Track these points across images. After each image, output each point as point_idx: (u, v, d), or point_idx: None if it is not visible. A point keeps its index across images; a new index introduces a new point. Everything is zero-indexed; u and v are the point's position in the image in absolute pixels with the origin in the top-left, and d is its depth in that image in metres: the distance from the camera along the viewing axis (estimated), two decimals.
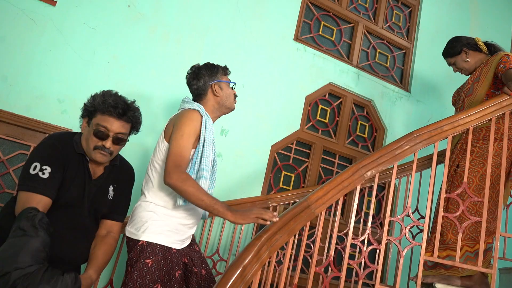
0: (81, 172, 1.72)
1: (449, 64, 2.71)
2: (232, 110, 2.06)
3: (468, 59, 2.56)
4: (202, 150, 1.82)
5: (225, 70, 2.07)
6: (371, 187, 3.15)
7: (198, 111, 1.87)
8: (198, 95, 1.99)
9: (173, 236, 1.81)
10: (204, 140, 1.83)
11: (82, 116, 1.79)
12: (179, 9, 3.00)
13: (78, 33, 2.66)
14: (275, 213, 1.69)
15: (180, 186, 1.67)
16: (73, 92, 2.60)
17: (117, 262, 2.39)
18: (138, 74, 2.80)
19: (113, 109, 1.70)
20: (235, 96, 2.06)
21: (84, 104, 1.78)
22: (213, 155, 1.96)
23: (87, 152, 1.74)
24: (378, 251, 1.88)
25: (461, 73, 2.66)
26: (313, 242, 2.65)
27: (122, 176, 1.90)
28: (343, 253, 1.85)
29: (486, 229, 2.14)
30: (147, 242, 1.74)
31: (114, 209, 1.87)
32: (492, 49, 2.57)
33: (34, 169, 1.60)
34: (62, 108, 2.57)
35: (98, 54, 2.71)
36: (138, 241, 1.75)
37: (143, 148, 2.76)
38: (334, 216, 2.84)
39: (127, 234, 1.81)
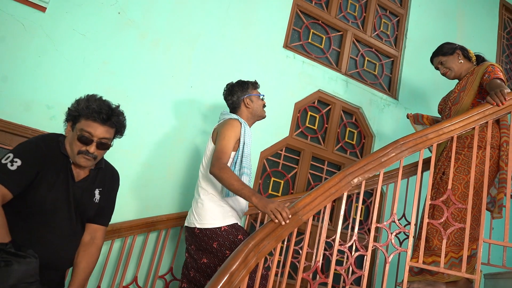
0: (64, 174, 1.72)
1: (438, 64, 2.68)
2: (264, 117, 2.44)
3: (461, 61, 2.60)
4: (243, 151, 2.18)
5: (254, 85, 2.42)
6: (359, 194, 3.18)
7: (238, 119, 2.23)
8: (233, 108, 2.38)
9: (235, 216, 2.19)
10: (244, 143, 2.18)
11: (66, 120, 1.79)
12: (169, 16, 3.02)
13: (68, 39, 2.67)
14: (289, 217, 1.77)
15: (218, 173, 2.00)
16: (62, 98, 2.59)
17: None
18: (128, 81, 2.81)
19: (97, 114, 1.70)
20: (264, 105, 2.42)
21: (68, 108, 1.78)
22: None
23: (71, 156, 1.74)
24: (365, 257, 1.90)
25: (446, 75, 2.65)
26: (302, 248, 2.67)
27: (108, 180, 1.91)
28: (331, 259, 1.87)
29: (471, 235, 2.18)
30: (228, 225, 2.10)
31: (100, 213, 1.87)
32: (480, 60, 2.62)
33: (5, 159, 1.61)
34: (51, 114, 2.57)
35: (88, 60, 2.71)
36: (220, 227, 2.09)
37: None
38: (323, 222, 2.86)
39: (201, 226, 2.11)
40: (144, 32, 2.91)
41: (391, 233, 1.95)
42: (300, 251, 2.68)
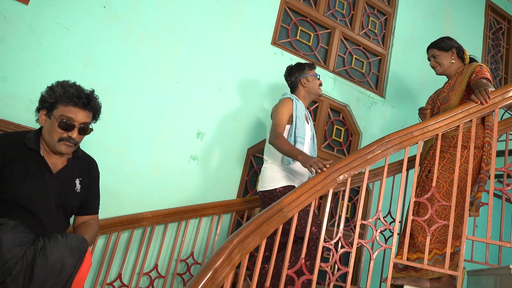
0: (35, 167, 1.68)
1: (430, 56, 2.68)
2: (319, 95, 2.72)
3: (453, 61, 2.61)
4: (296, 124, 2.49)
5: (310, 66, 2.70)
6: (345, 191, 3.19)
7: (289, 97, 2.58)
8: (292, 88, 2.71)
9: (293, 180, 2.49)
10: (296, 117, 2.50)
11: (39, 109, 1.75)
12: (155, 11, 2.98)
13: (51, 33, 2.62)
14: (329, 161, 1.95)
15: (273, 141, 2.36)
16: None
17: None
18: (113, 76, 2.77)
19: (77, 99, 1.69)
20: (320, 84, 2.69)
21: (42, 95, 1.74)
22: (311, 131, 2.67)
23: (50, 145, 1.71)
24: (351, 253, 1.90)
25: (435, 69, 2.67)
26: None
27: (88, 169, 1.89)
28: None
29: (454, 233, 2.20)
30: (282, 186, 2.42)
31: (87, 205, 1.88)
32: (471, 62, 2.64)
33: None
34: (33, 109, 2.50)
35: (72, 54, 2.66)
36: (276, 189, 2.43)
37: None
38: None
39: (262, 189, 2.48)
40: (130, 27, 2.87)
41: (376, 230, 1.96)
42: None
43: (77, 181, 1.81)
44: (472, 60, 2.65)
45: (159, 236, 2.76)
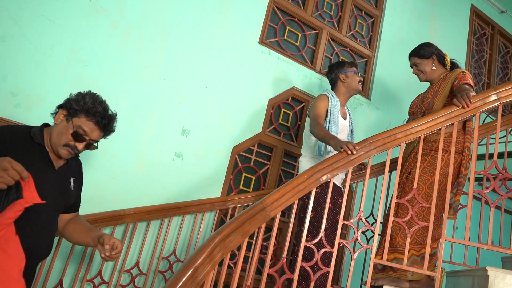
0: (39, 161, 1.68)
1: (412, 64, 2.73)
2: (359, 91, 2.83)
3: (434, 68, 2.65)
4: (329, 119, 2.63)
5: (350, 64, 2.82)
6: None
7: (325, 93, 2.72)
8: (332, 84, 2.85)
9: None
10: (330, 112, 2.65)
11: (62, 107, 1.76)
12: (143, 5, 2.95)
13: (35, 25, 2.57)
14: (356, 148, 2.01)
15: (312, 129, 2.52)
16: (28, 86, 2.51)
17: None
18: (98, 70, 2.73)
19: (100, 119, 1.74)
20: (360, 81, 2.81)
21: (71, 98, 1.76)
22: (350, 126, 2.84)
23: (54, 144, 1.72)
24: (332, 253, 1.92)
25: (419, 77, 2.71)
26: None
27: (79, 169, 1.94)
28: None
29: (431, 234, 2.24)
30: None
31: (76, 203, 1.92)
32: (454, 66, 2.68)
33: None
34: (15, 102, 2.48)
35: (56, 47, 2.62)
36: None
37: None
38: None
39: None
40: (116, 21, 2.84)
41: (358, 230, 1.97)
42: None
43: (72, 180, 1.84)
44: (453, 64, 2.69)
45: (141, 233, 2.74)
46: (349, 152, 2.00)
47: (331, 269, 1.88)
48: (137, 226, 2.69)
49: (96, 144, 1.83)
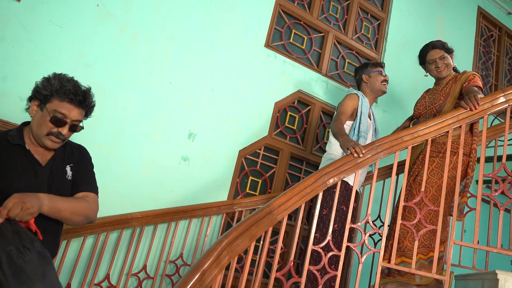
0: (23, 162, 1.64)
1: (438, 57, 2.61)
2: (384, 91, 2.81)
3: (452, 64, 2.66)
4: (360, 119, 2.60)
5: (374, 64, 2.82)
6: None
7: (356, 93, 2.69)
8: (358, 85, 2.86)
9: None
10: (361, 112, 2.61)
11: (31, 99, 1.69)
12: (150, 10, 2.97)
13: (43, 30, 2.60)
14: (363, 151, 1.99)
15: (331, 123, 2.52)
16: None
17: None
18: (105, 74, 2.75)
19: (73, 96, 1.64)
20: (385, 80, 2.79)
21: (37, 86, 1.68)
22: (373, 125, 2.81)
23: (37, 137, 1.66)
24: (340, 257, 1.91)
25: (440, 71, 2.61)
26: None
27: (78, 153, 1.83)
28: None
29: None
30: None
31: (79, 183, 1.76)
32: (455, 71, 2.69)
33: None
34: (23, 106, 2.48)
35: (64, 52, 2.64)
36: None
37: None
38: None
39: None
40: (123, 26, 2.86)
41: (365, 234, 1.96)
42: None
43: (68, 168, 1.75)
44: (455, 70, 2.71)
45: (148, 237, 2.75)
46: (356, 155, 1.98)
47: (339, 273, 1.87)
48: (144, 229, 2.70)
49: (81, 125, 1.73)
